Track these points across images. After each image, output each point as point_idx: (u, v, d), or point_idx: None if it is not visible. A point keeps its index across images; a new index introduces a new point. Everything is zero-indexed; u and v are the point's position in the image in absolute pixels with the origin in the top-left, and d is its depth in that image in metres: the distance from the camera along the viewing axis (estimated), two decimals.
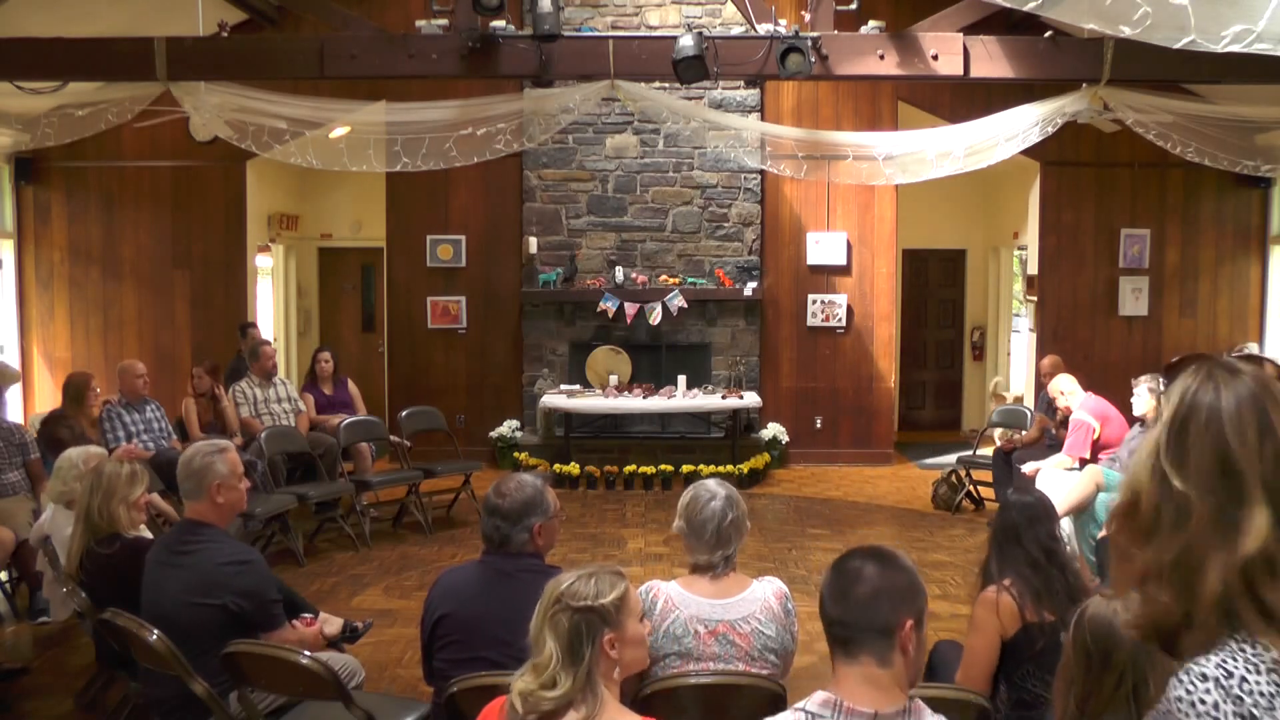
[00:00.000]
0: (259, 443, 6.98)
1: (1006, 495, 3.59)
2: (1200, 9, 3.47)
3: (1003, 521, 3.30)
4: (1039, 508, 3.31)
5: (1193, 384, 1.23)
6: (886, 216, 9.83)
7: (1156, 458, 1.20)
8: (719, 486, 3.11)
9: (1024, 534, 3.20)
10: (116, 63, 6.48)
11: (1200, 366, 1.24)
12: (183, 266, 9.73)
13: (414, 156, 6.83)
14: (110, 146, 9.12)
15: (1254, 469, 1.16)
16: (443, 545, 7.14)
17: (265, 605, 3.33)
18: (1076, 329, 9.77)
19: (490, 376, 9.94)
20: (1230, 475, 1.16)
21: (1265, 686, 1.11)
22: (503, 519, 2.98)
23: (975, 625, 3.15)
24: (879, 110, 9.65)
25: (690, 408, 9.20)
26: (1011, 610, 3.08)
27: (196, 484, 3.41)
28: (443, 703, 2.84)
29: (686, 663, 2.88)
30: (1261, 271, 9.76)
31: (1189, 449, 1.19)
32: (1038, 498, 3.42)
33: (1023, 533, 3.20)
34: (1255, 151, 7.01)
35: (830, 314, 9.83)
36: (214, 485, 3.39)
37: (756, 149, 7.58)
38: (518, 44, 6.44)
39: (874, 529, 7.63)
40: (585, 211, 9.74)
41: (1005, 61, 6.43)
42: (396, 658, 5.03)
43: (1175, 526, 1.15)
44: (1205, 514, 1.13)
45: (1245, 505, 1.14)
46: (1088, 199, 9.73)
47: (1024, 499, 3.37)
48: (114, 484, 3.87)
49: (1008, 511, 3.31)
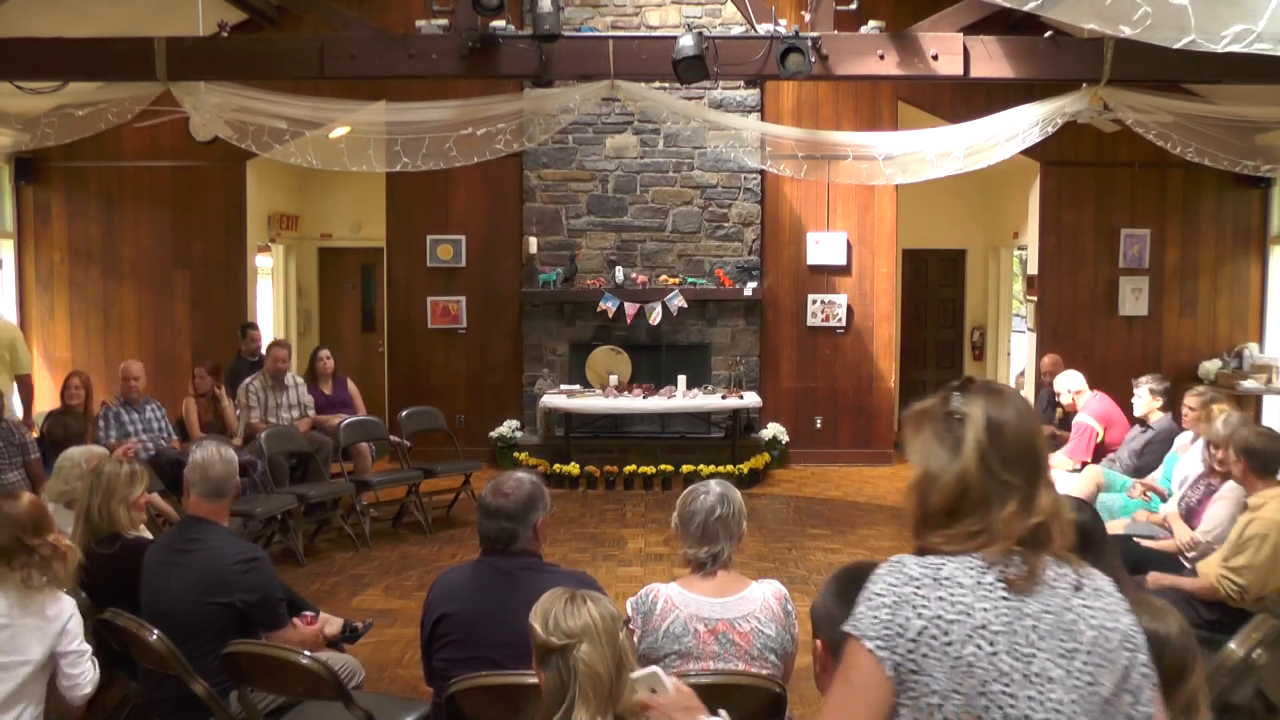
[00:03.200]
0: (259, 442, 6.98)
1: None
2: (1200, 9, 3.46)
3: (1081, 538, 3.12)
4: (1095, 530, 3.09)
5: (988, 404, 1.63)
6: (886, 216, 9.83)
7: (982, 457, 1.59)
8: (716, 485, 3.14)
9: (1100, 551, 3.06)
10: (116, 63, 6.48)
11: (984, 392, 1.66)
12: (183, 266, 9.73)
13: (414, 156, 6.83)
14: (110, 146, 9.12)
15: (1044, 460, 1.65)
16: (443, 545, 7.14)
17: (272, 604, 3.34)
18: (1076, 329, 9.77)
19: (490, 376, 9.94)
20: (1031, 466, 1.62)
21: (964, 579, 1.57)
22: (507, 518, 2.97)
23: None
24: (879, 110, 9.65)
25: (690, 408, 9.20)
26: None
27: (215, 488, 3.45)
28: (443, 702, 2.84)
29: (686, 662, 2.88)
30: (1261, 271, 9.75)
31: (1009, 449, 1.61)
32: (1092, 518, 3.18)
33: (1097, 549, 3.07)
34: (1255, 151, 7.00)
35: (830, 314, 9.83)
36: (232, 495, 3.53)
37: (756, 149, 7.58)
38: (518, 44, 6.44)
39: (874, 529, 7.63)
40: (585, 211, 9.74)
41: (1005, 61, 6.43)
42: (396, 658, 5.03)
43: (1000, 502, 1.60)
44: (1018, 491, 1.60)
45: (1039, 485, 1.62)
46: (1088, 199, 9.73)
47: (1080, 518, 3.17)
48: (114, 484, 3.87)
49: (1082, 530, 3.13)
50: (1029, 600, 1.57)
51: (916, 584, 1.58)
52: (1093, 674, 1.56)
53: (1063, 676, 1.54)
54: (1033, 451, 1.63)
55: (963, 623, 1.55)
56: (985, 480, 1.60)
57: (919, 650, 1.54)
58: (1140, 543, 4.98)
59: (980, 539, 1.59)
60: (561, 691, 2.08)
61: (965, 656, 1.53)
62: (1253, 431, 4.48)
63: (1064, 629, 1.57)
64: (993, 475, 1.60)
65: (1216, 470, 4.81)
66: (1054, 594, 1.59)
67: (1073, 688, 1.54)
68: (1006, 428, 1.62)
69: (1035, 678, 1.54)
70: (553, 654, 2.10)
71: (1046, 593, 1.59)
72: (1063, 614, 1.58)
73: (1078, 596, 1.61)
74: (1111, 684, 1.57)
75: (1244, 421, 4.76)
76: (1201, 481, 5.09)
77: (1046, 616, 1.57)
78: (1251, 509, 4.27)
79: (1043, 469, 1.65)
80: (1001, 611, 1.56)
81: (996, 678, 1.53)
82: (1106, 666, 1.57)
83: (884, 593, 1.59)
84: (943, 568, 1.59)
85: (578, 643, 2.08)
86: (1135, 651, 1.60)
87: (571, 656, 2.08)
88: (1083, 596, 1.61)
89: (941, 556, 1.61)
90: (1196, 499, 5.04)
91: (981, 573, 1.58)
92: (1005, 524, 1.59)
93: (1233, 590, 4.14)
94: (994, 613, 1.55)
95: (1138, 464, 6.35)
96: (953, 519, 1.62)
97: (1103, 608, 1.61)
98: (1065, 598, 1.60)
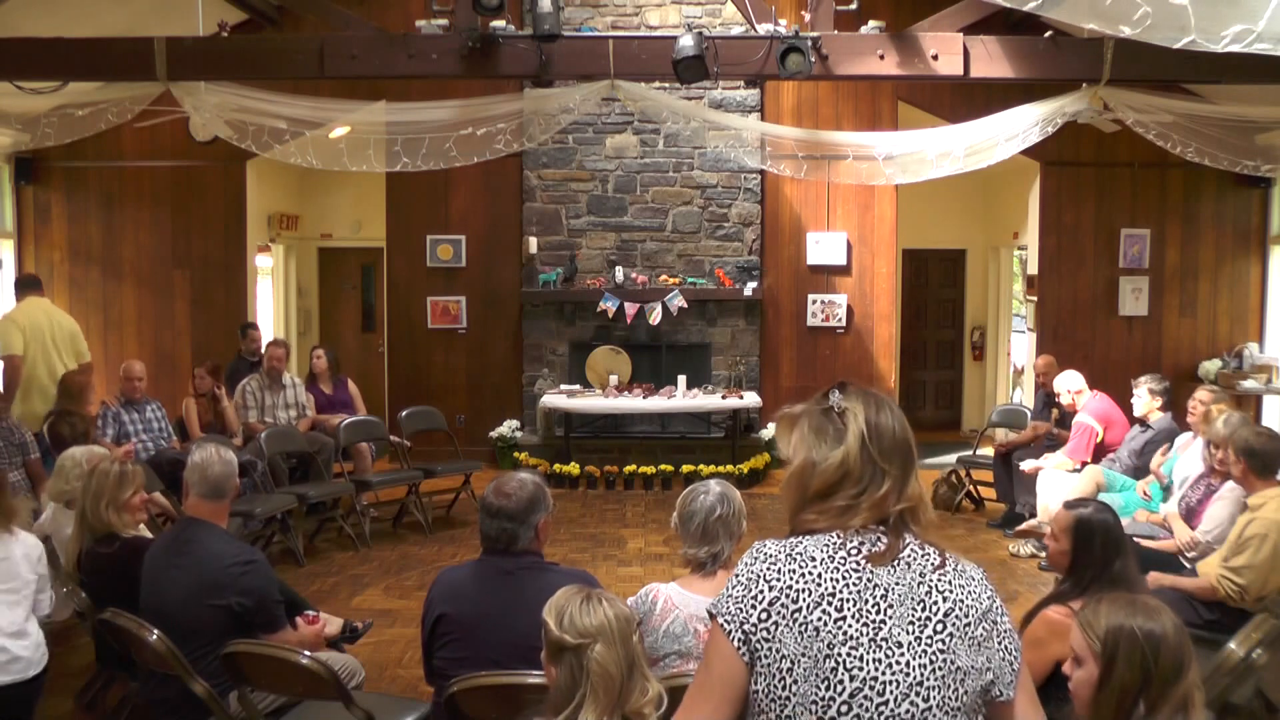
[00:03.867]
0: (259, 442, 6.98)
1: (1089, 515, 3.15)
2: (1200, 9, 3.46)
3: (1087, 544, 3.06)
4: (1121, 531, 3.10)
5: (866, 403, 1.79)
6: (886, 216, 9.82)
7: (863, 445, 1.73)
8: (716, 485, 3.14)
9: (1110, 557, 3.00)
10: (116, 63, 6.48)
11: (862, 394, 1.81)
12: (183, 266, 9.72)
13: (414, 156, 6.83)
14: (110, 146, 9.12)
15: (914, 458, 1.79)
16: (443, 545, 7.14)
17: (269, 606, 3.34)
18: (1076, 329, 9.77)
19: (490, 376, 9.94)
20: (907, 459, 1.76)
21: (816, 554, 1.70)
22: (509, 519, 2.96)
23: (1032, 641, 2.92)
24: (879, 110, 9.64)
25: (690, 408, 9.20)
26: None
27: (214, 489, 3.44)
28: (443, 702, 2.84)
29: (686, 662, 2.88)
30: (1261, 271, 9.75)
31: (885, 441, 1.75)
32: (1115, 520, 3.16)
33: (1110, 556, 3.00)
34: (1255, 151, 7.00)
35: (830, 314, 9.82)
36: (231, 496, 3.53)
37: (756, 149, 7.57)
38: (518, 44, 6.44)
39: None
40: (585, 211, 9.74)
41: (1005, 61, 6.43)
42: (396, 658, 5.03)
43: (875, 485, 1.74)
44: (894, 478, 1.74)
45: (911, 476, 1.76)
46: (1088, 199, 9.72)
47: (1105, 518, 3.11)
48: (103, 487, 3.88)
49: (1096, 535, 3.05)
50: (882, 572, 1.68)
51: (771, 560, 1.70)
52: (945, 643, 1.66)
53: (911, 643, 1.65)
54: (907, 447, 1.78)
55: (811, 591, 1.66)
56: (865, 465, 1.74)
57: (771, 619, 1.65)
58: (1140, 543, 4.98)
59: (849, 514, 1.72)
60: (571, 688, 2.09)
61: (812, 621, 1.64)
62: (1252, 432, 4.47)
63: (916, 600, 1.67)
64: (872, 461, 1.74)
65: (1216, 470, 4.82)
66: (910, 569, 1.70)
67: (922, 653, 1.65)
68: (884, 424, 1.77)
69: (884, 642, 1.64)
70: (566, 651, 2.11)
71: (903, 568, 1.70)
72: (916, 586, 1.69)
73: (937, 573, 1.71)
74: (965, 655, 1.66)
75: (1244, 421, 4.76)
76: (1201, 481, 5.09)
77: (898, 587, 1.68)
78: (1251, 509, 4.27)
79: (914, 464, 1.79)
80: (852, 581, 1.67)
81: (843, 640, 1.63)
82: (960, 638, 1.67)
83: (741, 573, 1.72)
84: (799, 544, 1.72)
85: (592, 643, 2.09)
86: (996, 631, 1.70)
87: (585, 656, 2.09)
88: (943, 574, 1.71)
89: (803, 536, 1.74)
90: (1196, 499, 5.05)
91: (836, 547, 1.70)
92: (877, 502, 1.73)
93: (1233, 590, 4.14)
94: (844, 582, 1.67)
95: (1138, 464, 6.35)
96: (829, 498, 1.75)
97: (963, 585, 1.71)
98: (922, 573, 1.70)
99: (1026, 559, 6.68)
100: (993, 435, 8.73)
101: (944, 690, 1.64)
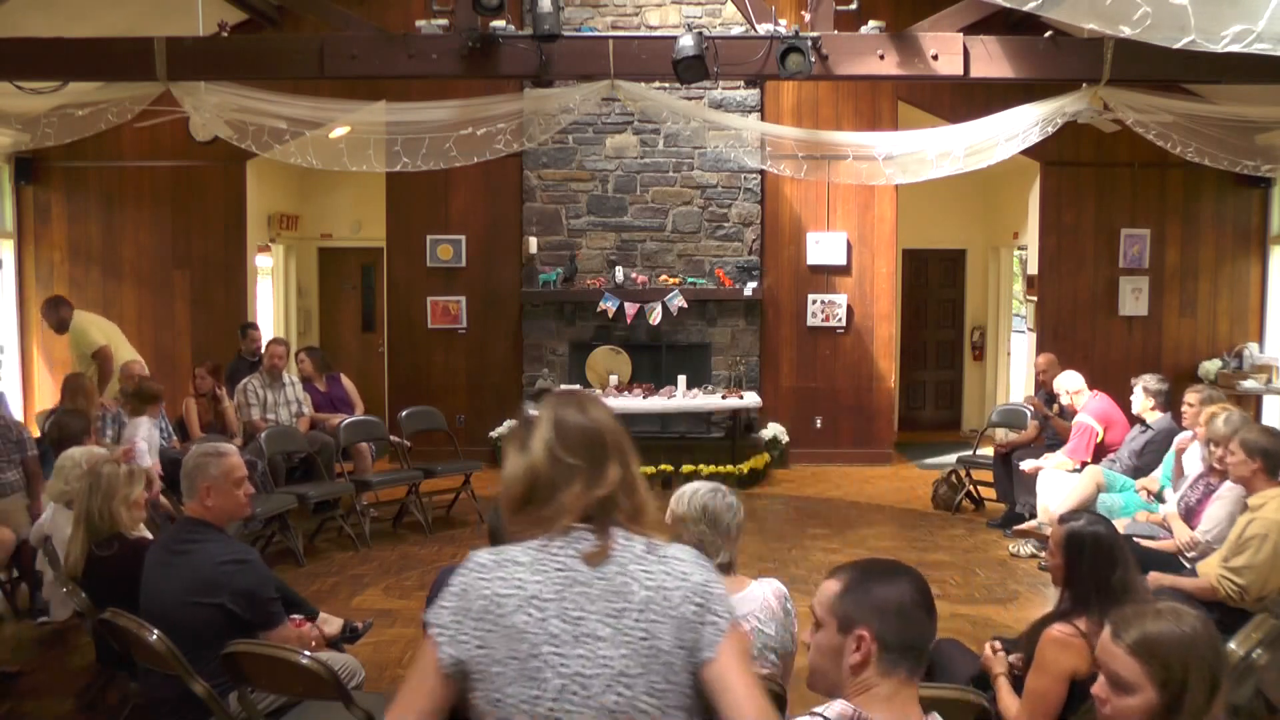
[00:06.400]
0: (259, 442, 6.98)
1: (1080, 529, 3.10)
2: (1200, 9, 3.46)
3: (1079, 558, 3.01)
4: (1116, 542, 3.05)
5: (555, 404, 1.85)
6: (886, 216, 9.83)
7: (548, 448, 1.77)
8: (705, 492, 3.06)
9: (1102, 569, 2.95)
10: (116, 63, 6.47)
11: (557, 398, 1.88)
12: (183, 266, 9.73)
13: (414, 156, 6.83)
14: (110, 146, 9.12)
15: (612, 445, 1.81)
16: (443, 545, 7.14)
17: (262, 604, 3.32)
18: (1076, 329, 9.77)
19: (490, 376, 9.94)
20: (597, 449, 1.78)
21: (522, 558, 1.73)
22: None
23: (1043, 665, 2.88)
24: (879, 110, 9.65)
25: (690, 408, 9.20)
26: (1085, 652, 2.79)
27: (189, 484, 3.41)
28: None
29: None
30: (1261, 271, 9.75)
31: (571, 437, 1.78)
32: (1110, 531, 3.11)
33: (1105, 570, 2.95)
34: (1255, 151, 7.00)
35: (830, 314, 9.83)
36: (204, 487, 3.36)
37: (756, 149, 7.57)
38: (518, 44, 6.44)
39: (874, 529, 7.63)
40: (585, 211, 9.74)
41: (1005, 61, 6.43)
42: (396, 658, 5.03)
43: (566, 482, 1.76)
44: (582, 471, 1.76)
45: (606, 465, 1.78)
46: (1088, 199, 9.73)
47: (1097, 530, 3.06)
48: (113, 484, 3.87)
49: (1087, 549, 3.01)
50: (584, 570, 1.72)
51: (482, 569, 1.74)
52: (646, 629, 1.69)
53: (612, 635, 1.68)
54: (596, 436, 1.80)
55: (515, 595, 1.70)
56: (551, 467, 1.77)
57: (482, 627, 1.69)
58: (1140, 543, 4.98)
59: (548, 522, 1.75)
60: None
61: (517, 624, 1.68)
62: (1260, 432, 4.44)
63: (615, 592, 1.71)
64: (558, 461, 1.77)
65: (1216, 469, 4.82)
66: (612, 562, 1.73)
67: (623, 643, 1.68)
68: (569, 419, 1.80)
69: (585, 638, 1.68)
70: None
71: (606, 562, 1.73)
72: (615, 579, 1.72)
73: (637, 562, 1.74)
74: (671, 637, 1.69)
75: (1245, 420, 4.76)
76: (1201, 481, 5.09)
77: (599, 582, 1.71)
78: (1251, 509, 4.26)
79: (609, 451, 1.80)
80: (555, 581, 1.71)
81: (547, 640, 1.67)
82: (663, 622, 1.69)
83: (454, 584, 1.75)
84: (506, 551, 1.76)
85: None
86: (704, 605, 1.72)
87: None
88: (643, 562, 1.74)
89: (514, 543, 1.78)
90: (1196, 499, 5.05)
91: (539, 549, 1.74)
92: (573, 501, 1.75)
93: (1233, 590, 4.13)
94: (547, 584, 1.70)
95: (1137, 464, 6.35)
96: (528, 507, 1.78)
97: (664, 570, 1.74)
98: (623, 564, 1.73)
99: (1026, 559, 6.68)
100: (993, 435, 8.72)
101: (649, 677, 1.67)
